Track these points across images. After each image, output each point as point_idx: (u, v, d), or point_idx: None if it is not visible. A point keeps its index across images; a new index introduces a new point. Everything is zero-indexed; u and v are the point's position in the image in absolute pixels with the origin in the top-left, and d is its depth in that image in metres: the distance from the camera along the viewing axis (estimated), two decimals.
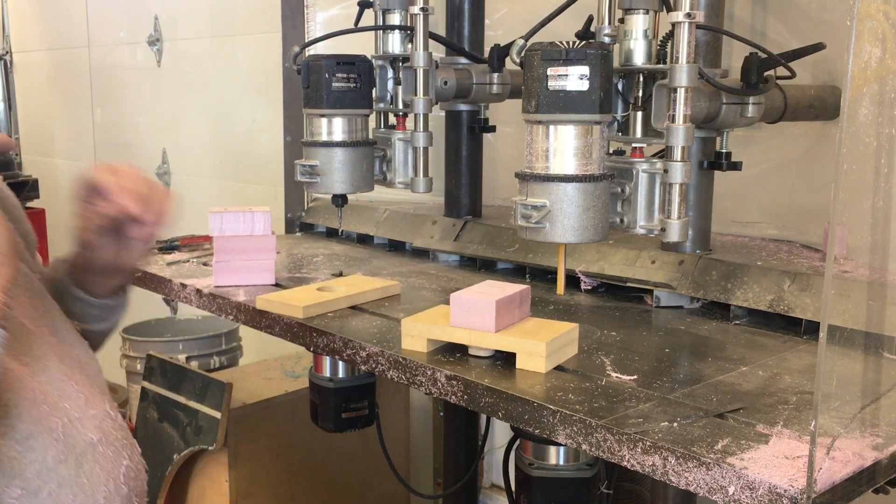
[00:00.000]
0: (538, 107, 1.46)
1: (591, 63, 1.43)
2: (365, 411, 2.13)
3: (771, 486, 1.01)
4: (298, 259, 2.29)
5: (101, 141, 4.67)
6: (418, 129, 1.95)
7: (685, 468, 1.08)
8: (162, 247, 2.37)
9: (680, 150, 1.50)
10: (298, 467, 2.59)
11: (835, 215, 1.07)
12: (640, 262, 1.86)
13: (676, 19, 1.45)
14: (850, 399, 1.26)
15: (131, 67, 4.32)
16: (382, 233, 2.46)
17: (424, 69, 1.90)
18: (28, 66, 5.16)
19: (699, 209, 1.84)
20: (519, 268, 2.11)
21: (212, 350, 3.20)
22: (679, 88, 1.47)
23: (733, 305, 1.70)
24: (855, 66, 1.09)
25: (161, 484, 2.52)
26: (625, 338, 1.59)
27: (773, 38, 1.99)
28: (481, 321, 1.43)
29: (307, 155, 2.01)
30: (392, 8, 2.08)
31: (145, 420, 2.60)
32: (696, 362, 1.46)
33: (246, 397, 2.50)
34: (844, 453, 1.07)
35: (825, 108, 1.90)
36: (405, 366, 1.46)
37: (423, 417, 3.03)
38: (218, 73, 3.79)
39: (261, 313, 1.78)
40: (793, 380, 1.37)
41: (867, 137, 1.22)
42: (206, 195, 3.91)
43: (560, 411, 1.23)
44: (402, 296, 1.88)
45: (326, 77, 1.92)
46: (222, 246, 1.95)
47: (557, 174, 1.47)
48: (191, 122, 3.98)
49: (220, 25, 3.73)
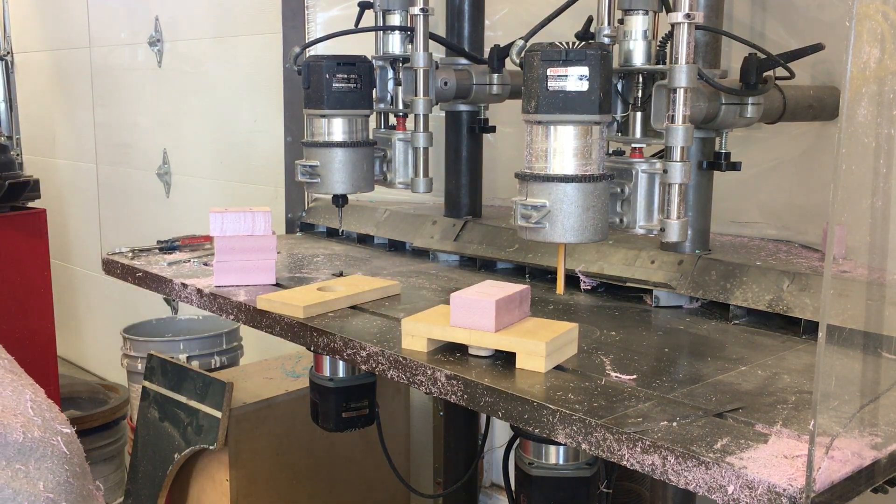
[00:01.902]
0: (538, 107, 1.46)
1: (590, 64, 1.43)
2: (365, 411, 2.13)
3: (770, 485, 1.01)
4: (299, 259, 2.29)
5: (101, 141, 4.67)
6: (418, 130, 1.95)
7: (684, 467, 1.09)
8: (163, 247, 2.37)
9: (679, 150, 1.50)
10: (299, 467, 2.59)
11: (834, 215, 1.07)
12: (640, 262, 1.87)
13: (676, 20, 1.45)
14: (849, 399, 1.26)
15: (132, 68, 4.32)
16: (383, 233, 2.46)
17: (424, 70, 1.90)
18: (29, 66, 5.17)
19: (698, 209, 1.84)
20: (519, 268, 2.11)
21: (212, 350, 3.20)
22: (678, 89, 1.47)
23: (732, 305, 1.70)
24: (854, 67, 1.10)
25: (162, 483, 2.53)
26: (624, 338, 1.59)
27: (773, 38, 2.00)
28: (481, 321, 1.44)
29: (308, 155, 2.01)
30: (392, 9, 2.08)
31: (146, 420, 2.60)
32: (696, 362, 1.46)
33: (246, 397, 2.51)
34: (843, 453, 1.08)
35: (824, 108, 1.90)
36: (405, 365, 1.46)
37: (423, 417, 3.03)
38: (218, 74, 3.79)
39: (261, 313, 1.78)
40: (792, 379, 1.37)
41: (866, 138, 1.22)
42: (207, 195, 3.91)
43: (560, 411, 1.23)
44: (402, 296, 1.89)
45: (327, 77, 1.92)
46: (223, 246, 1.96)
47: (557, 174, 1.48)
48: (191, 122, 3.99)
49: (220, 26, 3.74)
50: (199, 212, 3.88)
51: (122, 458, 3.92)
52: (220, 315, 1.92)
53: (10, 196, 3.50)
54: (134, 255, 2.30)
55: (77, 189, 4.90)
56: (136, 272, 2.19)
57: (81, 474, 1.24)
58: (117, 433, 3.88)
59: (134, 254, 2.32)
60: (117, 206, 4.62)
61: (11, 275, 3.55)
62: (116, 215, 4.64)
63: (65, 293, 4.94)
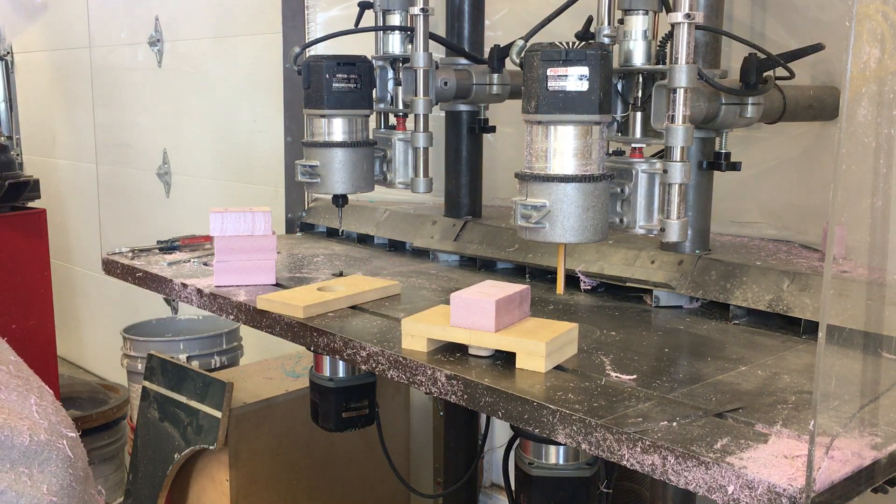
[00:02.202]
0: (538, 107, 1.46)
1: (590, 64, 1.43)
2: (365, 411, 2.13)
3: (770, 485, 1.01)
4: (299, 259, 2.29)
5: (101, 141, 4.67)
6: (418, 130, 1.95)
7: (684, 467, 1.09)
8: (163, 247, 2.37)
9: (679, 150, 1.50)
10: (299, 466, 2.59)
11: (834, 215, 1.07)
12: (640, 262, 1.87)
13: (676, 20, 1.45)
14: (849, 399, 1.26)
15: (132, 68, 4.32)
16: (383, 233, 2.46)
17: (424, 70, 1.90)
18: (29, 66, 5.16)
19: (698, 209, 1.84)
20: (519, 268, 2.11)
21: (212, 350, 3.20)
22: (678, 89, 1.47)
23: (732, 305, 1.70)
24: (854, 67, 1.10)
25: (162, 483, 2.53)
26: (624, 337, 1.59)
27: (773, 38, 2.00)
28: (481, 321, 1.44)
29: (308, 155, 2.01)
30: (392, 9, 2.08)
31: (146, 419, 2.60)
32: (696, 362, 1.46)
33: (246, 397, 2.51)
34: (843, 453, 1.08)
35: (824, 108, 1.90)
36: (405, 365, 1.46)
37: (423, 417, 3.03)
38: (219, 74, 3.79)
39: (261, 313, 1.78)
40: (792, 379, 1.37)
41: (866, 138, 1.22)
42: (207, 195, 3.91)
43: (560, 411, 1.23)
44: (402, 296, 1.89)
45: (327, 78, 1.92)
46: (223, 246, 1.96)
47: (557, 174, 1.48)
48: (191, 122, 3.99)
49: (220, 26, 3.74)
50: (199, 212, 3.88)
51: (122, 458, 3.92)
52: (220, 315, 1.92)
53: (10, 196, 3.50)
54: (134, 255, 2.30)
55: (77, 189, 4.90)
56: (136, 272, 2.19)
57: (84, 478, 1.24)
58: (117, 433, 3.88)
59: (134, 254, 2.32)
60: (117, 206, 4.62)
61: (11, 275, 3.55)
62: (116, 215, 4.64)
63: (65, 293, 4.94)
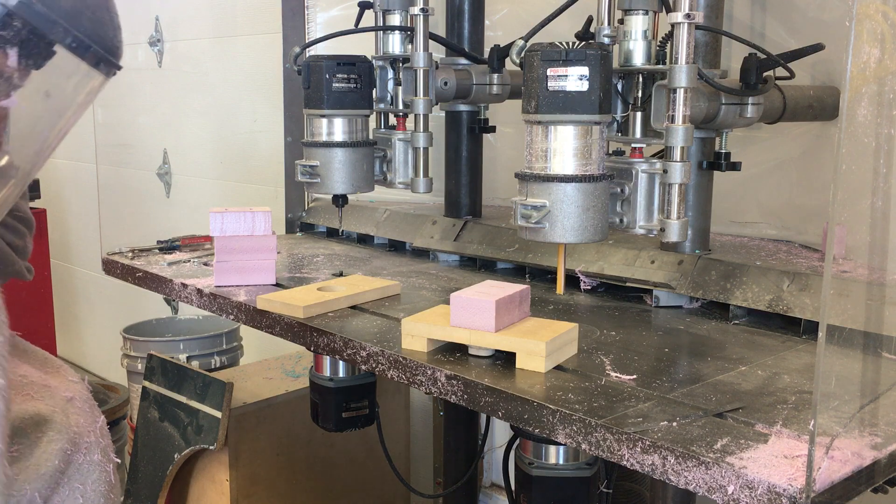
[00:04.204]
0: (538, 107, 1.46)
1: (590, 64, 1.43)
2: (365, 411, 2.13)
3: (770, 485, 1.01)
4: (299, 259, 2.29)
5: (102, 141, 4.67)
6: (418, 130, 1.95)
7: (684, 467, 1.09)
8: (163, 247, 2.37)
9: (679, 150, 1.50)
10: (299, 467, 2.59)
11: (834, 215, 1.07)
12: (640, 262, 1.87)
13: (676, 20, 1.45)
14: (849, 399, 1.26)
15: (132, 68, 4.32)
16: (383, 233, 2.46)
17: (424, 70, 1.90)
18: None
19: (698, 209, 1.84)
20: (519, 268, 2.11)
21: (212, 350, 3.20)
22: (678, 89, 1.48)
23: (732, 305, 1.70)
24: (854, 67, 1.10)
25: (162, 483, 2.53)
26: (624, 337, 1.59)
27: (772, 38, 2.00)
28: (481, 321, 1.44)
29: (307, 155, 2.01)
30: (392, 9, 2.08)
31: (146, 420, 2.60)
32: (696, 362, 1.46)
33: (246, 397, 2.51)
34: (843, 453, 1.08)
35: (824, 108, 1.90)
36: (405, 365, 1.46)
37: (423, 417, 3.03)
38: (219, 74, 3.79)
39: (261, 313, 1.78)
40: (792, 379, 1.37)
41: (866, 138, 1.22)
42: (207, 195, 3.91)
43: (560, 411, 1.23)
44: (402, 296, 1.89)
45: (327, 78, 1.92)
46: (223, 246, 1.96)
47: (557, 174, 1.48)
48: (192, 122, 3.99)
49: (220, 26, 3.74)
50: (199, 212, 3.88)
51: (122, 458, 3.92)
52: (220, 315, 1.92)
53: None
54: (134, 255, 2.30)
55: (77, 189, 4.90)
56: (136, 272, 2.19)
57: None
58: (117, 433, 3.88)
59: (134, 254, 2.32)
60: (117, 206, 4.62)
61: None
62: (116, 215, 4.64)
63: (65, 293, 4.94)
